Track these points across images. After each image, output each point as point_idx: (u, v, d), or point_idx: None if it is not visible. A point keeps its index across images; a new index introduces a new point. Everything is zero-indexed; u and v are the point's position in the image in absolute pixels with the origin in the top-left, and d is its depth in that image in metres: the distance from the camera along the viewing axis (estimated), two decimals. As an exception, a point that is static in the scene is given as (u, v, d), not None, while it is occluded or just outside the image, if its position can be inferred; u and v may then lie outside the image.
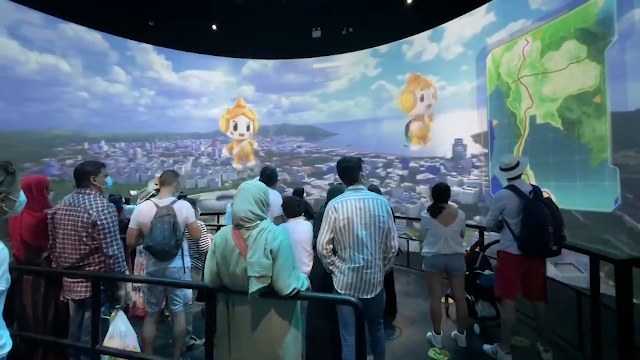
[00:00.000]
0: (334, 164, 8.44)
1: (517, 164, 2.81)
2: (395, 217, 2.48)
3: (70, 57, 7.26)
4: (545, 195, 2.80)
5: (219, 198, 9.38)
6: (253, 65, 9.86)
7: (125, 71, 8.27)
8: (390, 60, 8.74)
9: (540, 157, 5.40)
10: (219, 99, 9.67)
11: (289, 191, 7.84)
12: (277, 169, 8.53)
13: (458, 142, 7.29)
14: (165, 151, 8.99)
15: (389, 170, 8.57)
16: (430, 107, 7.89)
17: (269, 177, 3.13)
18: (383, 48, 8.80)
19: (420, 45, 8.11)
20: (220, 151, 9.70)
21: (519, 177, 2.83)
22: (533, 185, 2.78)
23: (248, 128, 9.88)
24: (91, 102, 7.65)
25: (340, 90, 9.58)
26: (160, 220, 2.44)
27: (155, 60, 8.79)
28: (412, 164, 8.28)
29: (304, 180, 9.77)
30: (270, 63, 9.87)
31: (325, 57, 9.48)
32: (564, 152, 5.07)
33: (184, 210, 2.58)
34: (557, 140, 5.18)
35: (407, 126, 8.38)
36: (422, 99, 8.08)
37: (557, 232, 2.55)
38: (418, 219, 6.00)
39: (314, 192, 9.65)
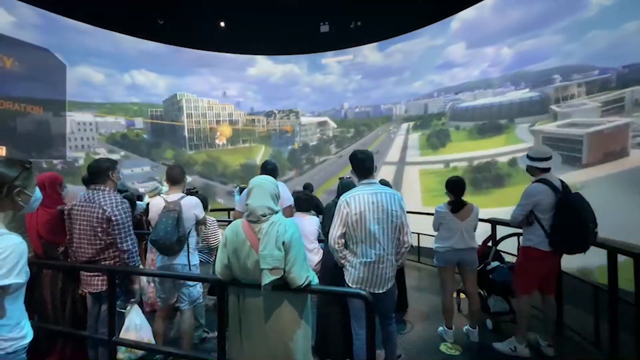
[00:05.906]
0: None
1: (551, 157, 2.68)
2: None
3: (301, 62, 10.35)
4: None
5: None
6: (464, 15, 7.42)
7: (337, 62, 10.12)
8: None
9: None
10: (421, 70, 8.76)
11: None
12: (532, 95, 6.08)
13: None
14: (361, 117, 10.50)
15: None
16: None
17: (271, 170, 3.19)
18: None
19: None
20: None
21: (549, 169, 2.68)
22: (560, 180, 2.63)
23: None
24: (312, 95, 10.79)
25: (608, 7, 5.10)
26: (166, 215, 2.46)
27: (364, 46, 9.62)
28: None
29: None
30: (488, 3, 6.87)
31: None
32: None
33: (191, 206, 2.59)
34: None
35: None
36: None
37: (594, 228, 2.43)
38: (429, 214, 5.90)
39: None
